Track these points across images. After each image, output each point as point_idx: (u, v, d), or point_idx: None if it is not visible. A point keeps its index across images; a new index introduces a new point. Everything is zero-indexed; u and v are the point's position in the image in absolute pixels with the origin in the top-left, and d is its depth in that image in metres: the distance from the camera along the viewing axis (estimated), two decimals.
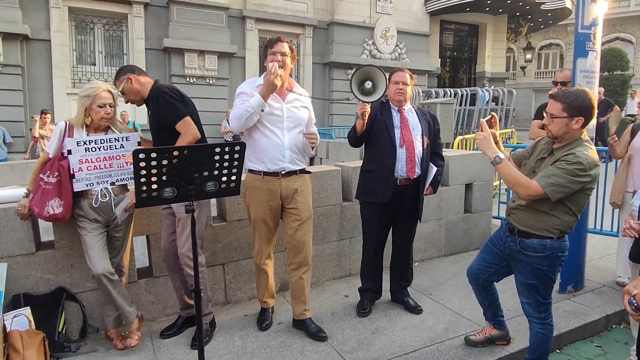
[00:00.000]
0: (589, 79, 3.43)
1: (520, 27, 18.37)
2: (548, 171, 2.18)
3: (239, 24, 12.80)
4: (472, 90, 10.51)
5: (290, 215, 2.87)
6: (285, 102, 2.79)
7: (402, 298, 3.36)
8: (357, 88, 2.74)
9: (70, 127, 2.64)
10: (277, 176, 2.77)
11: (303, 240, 2.90)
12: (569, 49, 26.33)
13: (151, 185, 1.93)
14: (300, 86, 2.98)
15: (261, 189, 2.78)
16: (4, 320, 2.46)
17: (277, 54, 2.71)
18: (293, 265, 2.96)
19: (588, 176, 2.14)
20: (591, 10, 3.39)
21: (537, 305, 2.42)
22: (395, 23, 14.75)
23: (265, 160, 2.75)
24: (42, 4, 10.46)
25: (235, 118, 2.68)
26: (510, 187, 2.29)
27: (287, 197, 2.82)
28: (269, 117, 2.72)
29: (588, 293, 3.59)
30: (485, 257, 2.64)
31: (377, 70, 2.72)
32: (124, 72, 2.75)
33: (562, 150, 2.23)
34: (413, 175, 3.06)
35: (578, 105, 2.18)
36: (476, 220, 4.70)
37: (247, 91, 2.74)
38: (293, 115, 2.80)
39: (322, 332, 2.92)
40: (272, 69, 2.57)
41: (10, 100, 10.08)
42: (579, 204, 2.25)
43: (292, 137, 2.78)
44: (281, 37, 2.81)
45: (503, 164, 2.25)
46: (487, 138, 2.31)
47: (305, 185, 2.91)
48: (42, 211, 2.55)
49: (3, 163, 7.37)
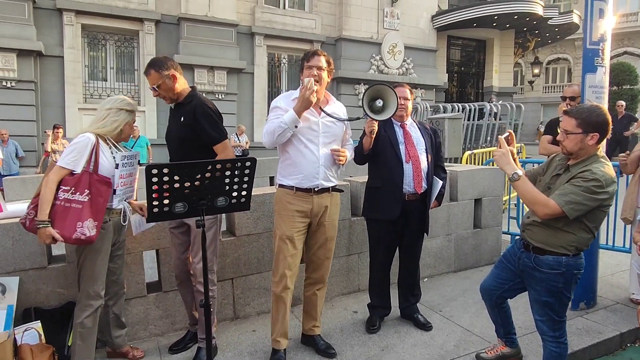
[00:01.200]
0: (598, 94, 3.42)
1: (528, 42, 18.43)
2: (565, 189, 2.16)
3: (248, 40, 12.99)
4: (479, 105, 10.52)
5: (316, 232, 2.79)
6: (321, 116, 2.71)
7: (411, 314, 3.33)
8: (368, 106, 2.74)
9: (99, 141, 2.48)
10: (309, 192, 2.68)
11: (325, 258, 2.86)
12: (577, 63, 26.33)
13: (163, 200, 1.95)
14: None
15: (292, 205, 2.68)
16: (14, 333, 2.47)
17: (313, 67, 2.63)
18: (309, 280, 2.93)
19: (605, 193, 2.11)
20: (599, 26, 3.40)
21: (551, 323, 2.38)
22: (403, 38, 14.89)
23: (299, 176, 2.65)
24: (56, 21, 10.71)
25: (268, 133, 2.60)
26: (527, 205, 2.27)
27: (317, 214, 2.73)
28: (304, 131, 2.63)
29: (601, 310, 3.53)
30: (499, 273, 2.62)
31: (388, 89, 2.73)
32: (167, 67, 2.59)
33: (578, 167, 2.21)
34: (420, 189, 3.06)
35: (593, 121, 2.17)
36: (486, 235, 4.67)
37: (281, 105, 2.65)
38: (329, 131, 2.72)
39: (331, 349, 2.89)
40: (307, 85, 2.48)
41: (24, 115, 10.27)
42: (596, 221, 2.23)
43: (327, 153, 2.69)
44: (318, 51, 2.73)
45: (521, 181, 2.24)
46: (506, 154, 2.31)
47: (335, 204, 2.83)
48: (71, 234, 2.26)
49: (15, 177, 7.47)
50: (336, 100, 2.89)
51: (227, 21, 12.26)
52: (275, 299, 2.77)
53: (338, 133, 2.77)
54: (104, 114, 2.54)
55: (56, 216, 2.28)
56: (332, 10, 14.28)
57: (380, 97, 2.75)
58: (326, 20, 14.18)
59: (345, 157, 2.73)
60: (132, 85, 11.91)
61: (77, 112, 10.89)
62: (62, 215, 2.28)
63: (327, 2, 14.21)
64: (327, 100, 2.80)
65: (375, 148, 3.01)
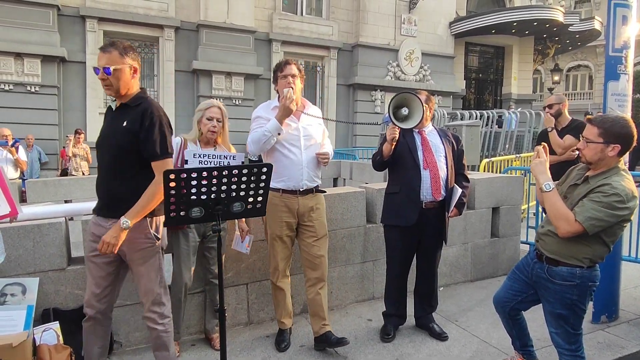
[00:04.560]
0: (621, 103, 3.36)
1: (548, 48, 18.20)
2: (584, 205, 2.10)
3: (265, 47, 13.12)
4: (498, 112, 10.40)
5: (306, 232, 2.96)
6: (300, 121, 2.91)
7: (427, 324, 3.28)
8: (393, 113, 2.79)
9: (185, 142, 2.85)
10: (295, 194, 2.88)
11: (319, 255, 2.95)
12: (598, 70, 25.88)
13: (180, 205, 1.96)
14: (325, 107, 3.10)
15: (279, 206, 2.87)
16: (34, 334, 2.52)
17: (287, 76, 2.83)
18: (310, 281, 3.00)
19: (627, 209, 2.05)
20: (622, 33, 3.34)
21: (566, 336, 2.31)
22: (420, 45, 14.84)
23: (285, 178, 2.86)
24: (79, 28, 10.98)
25: (253, 142, 2.79)
26: (551, 219, 2.23)
27: (304, 214, 2.91)
28: (287, 136, 2.84)
29: (623, 324, 3.44)
30: (512, 285, 2.56)
31: (415, 98, 2.79)
32: (131, 55, 2.23)
33: (597, 179, 2.15)
34: (439, 197, 3.02)
35: (616, 131, 2.11)
36: (503, 245, 4.59)
37: (263, 115, 2.87)
38: (309, 134, 2.92)
39: (344, 340, 2.90)
40: (287, 94, 2.69)
41: (47, 119, 10.54)
42: (614, 236, 2.17)
43: (309, 155, 2.90)
44: (289, 60, 2.95)
45: (553, 193, 2.21)
46: (543, 163, 2.29)
47: (320, 204, 3.01)
48: None
49: (37, 180, 7.64)
50: (312, 105, 3.09)
51: (245, 28, 12.41)
52: (273, 287, 3.05)
53: (317, 135, 2.98)
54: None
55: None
56: (349, 17, 14.33)
57: (407, 106, 2.83)
58: (343, 26, 14.23)
59: (328, 158, 2.95)
60: (152, 90, 12.11)
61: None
62: None
63: (344, 8, 14.27)
64: (303, 105, 2.99)
65: (393, 154, 3.00)
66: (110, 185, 2.24)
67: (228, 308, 2.94)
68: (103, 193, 2.29)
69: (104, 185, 2.28)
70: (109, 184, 2.25)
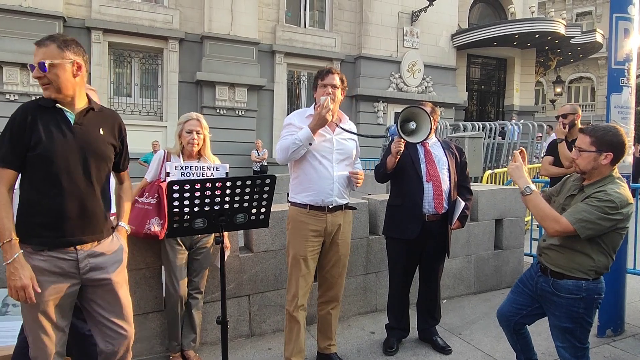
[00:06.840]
0: (624, 115, 3.36)
1: (550, 60, 18.24)
2: (577, 207, 2.13)
3: (268, 58, 13.20)
4: (501, 124, 10.41)
5: (329, 251, 2.76)
6: (334, 133, 2.72)
7: (430, 337, 3.25)
8: (400, 126, 2.77)
9: (168, 155, 2.93)
10: (323, 211, 2.65)
11: (338, 276, 2.83)
12: (600, 82, 25.95)
13: (184, 216, 1.97)
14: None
15: (306, 224, 2.65)
16: None
17: (328, 86, 2.64)
18: (323, 298, 2.90)
19: (620, 214, 2.06)
20: (624, 46, 3.35)
21: (573, 350, 2.29)
22: (422, 57, 14.91)
23: (313, 192, 2.63)
24: (85, 39, 11.07)
25: (282, 150, 2.59)
26: (538, 221, 2.24)
27: (331, 233, 2.70)
28: (319, 148, 2.63)
29: (629, 338, 3.40)
30: (515, 299, 2.54)
31: (424, 113, 2.76)
32: (74, 50, 1.90)
33: (593, 187, 2.17)
34: (441, 210, 3.01)
35: (608, 140, 2.14)
36: (507, 257, 4.57)
37: (295, 123, 2.66)
38: (342, 148, 2.72)
39: None
40: (324, 103, 2.49)
41: None
42: (613, 244, 2.16)
43: (340, 170, 2.69)
44: (332, 69, 2.74)
45: (534, 195, 2.22)
46: (520, 167, 2.31)
47: (348, 222, 2.82)
48: (141, 229, 2.68)
49: None
50: (349, 120, 2.92)
51: (248, 39, 12.50)
52: (288, 317, 2.74)
53: (350, 150, 2.78)
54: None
55: (131, 216, 2.47)
56: (352, 29, 14.44)
57: (414, 120, 2.79)
58: (346, 38, 14.33)
59: (362, 179, 2.74)
60: (155, 101, 12.19)
61: None
62: (135, 215, 2.69)
63: (347, 21, 14.38)
64: (340, 118, 2.81)
65: (395, 166, 3.00)
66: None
67: (230, 320, 2.91)
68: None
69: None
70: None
